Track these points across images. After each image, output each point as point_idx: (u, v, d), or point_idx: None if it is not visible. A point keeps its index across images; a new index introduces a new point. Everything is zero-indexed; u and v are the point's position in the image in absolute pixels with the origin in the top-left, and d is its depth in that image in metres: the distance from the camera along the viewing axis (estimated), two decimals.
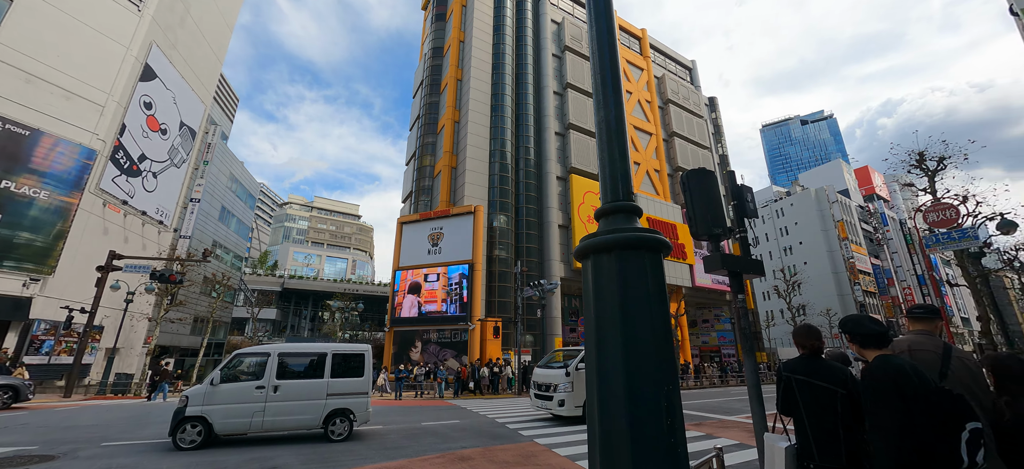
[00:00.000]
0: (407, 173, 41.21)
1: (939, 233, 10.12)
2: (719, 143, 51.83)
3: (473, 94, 34.51)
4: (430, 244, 29.02)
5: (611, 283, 1.26)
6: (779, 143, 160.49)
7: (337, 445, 8.04)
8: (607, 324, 1.22)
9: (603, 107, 1.56)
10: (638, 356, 1.16)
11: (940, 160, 15.21)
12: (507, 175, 32.91)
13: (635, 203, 1.42)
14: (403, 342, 27.36)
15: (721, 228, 3.15)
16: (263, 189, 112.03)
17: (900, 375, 2.11)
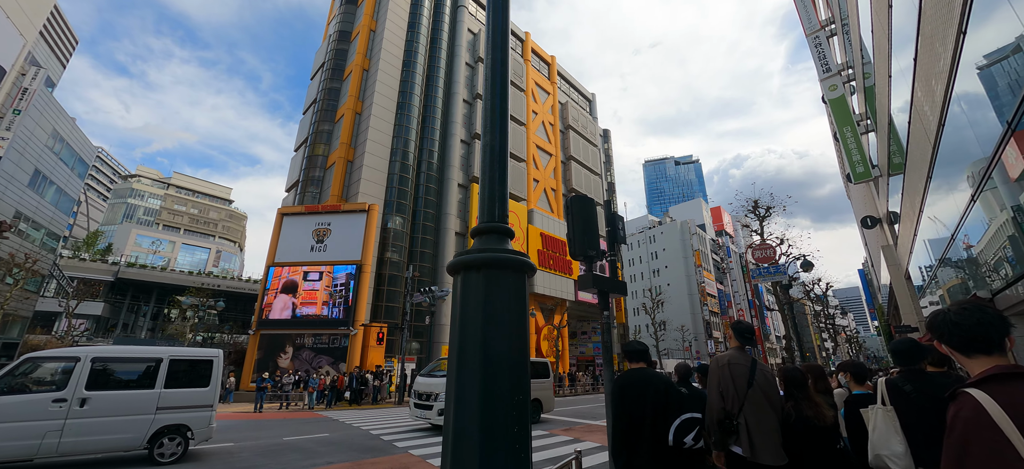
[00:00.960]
0: (295, 160, 37.48)
1: (762, 267, 12.67)
2: (609, 171, 57.14)
3: (380, 87, 32.94)
4: (314, 240, 26.67)
5: (477, 298, 1.34)
6: (656, 178, 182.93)
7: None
8: (470, 336, 1.30)
9: (490, 133, 1.66)
10: (495, 367, 1.26)
11: (767, 208, 18.98)
12: (407, 176, 31.95)
13: (508, 226, 1.53)
14: (271, 347, 24.50)
15: (595, 251, 3.49)
16: (101, 155, 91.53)
17: (629, 382, 3.14)
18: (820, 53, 22.08)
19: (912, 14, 8.09)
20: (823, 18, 22.12)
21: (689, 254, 64.76)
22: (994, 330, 1.32)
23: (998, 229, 7.27)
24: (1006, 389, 1.19)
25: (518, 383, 1.27)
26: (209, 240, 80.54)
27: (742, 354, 3.34)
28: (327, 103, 35.23)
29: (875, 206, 20.76)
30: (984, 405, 1.17)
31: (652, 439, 2.93)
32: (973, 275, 9.49)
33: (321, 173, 32.78)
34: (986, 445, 1.13)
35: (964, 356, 1.37)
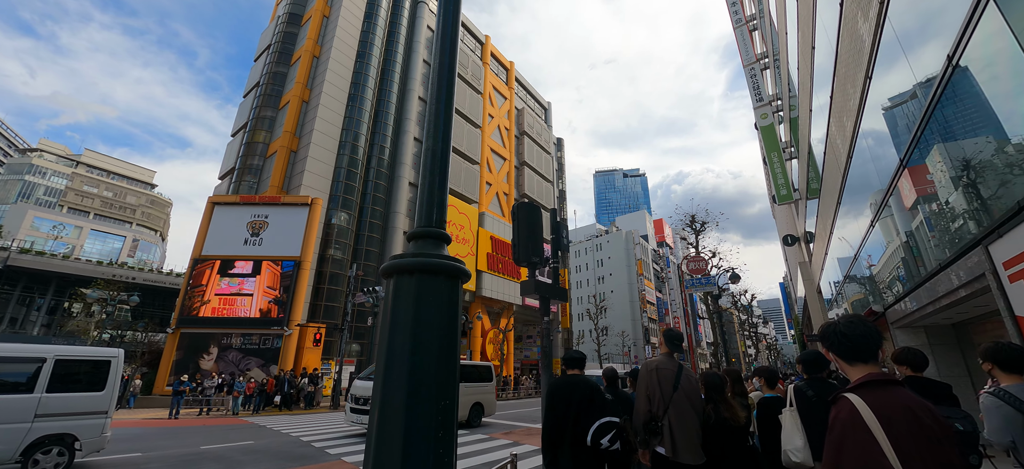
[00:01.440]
0: (232, 146, 34.85)
1: (695, 278, 13.60)
2: (561, 179, 58.44)
3: (330, 76, 31.45)
4: (249, 233, 24.87)
5: (408, 303, 1.32)
6: (605, 189, 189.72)
7: None
8: (398, 340, 1.28)
9: (432, 137, 1.64)
10: (422, 372, 1.25)
11: (703, 223, 20.30)
12: (355, 171, 30.74)
13: (445, 232, 1.51)
14: (193, 347, 22.47)
15: (538, 257, 3.54)
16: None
17: (558, 386, 3.47)
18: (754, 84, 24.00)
19: (830, 57, 9.02)
20: (759, 52, 24.11)
21: (632, 263, 67.66)
22: (873, 342, 1.52)
23: (893, 252, 8.28)
24: (876, 394, 1.39)
25: (445, 389, 1.26)
26: (125, 227, 72.65)
27: (670, 360, 3.54)
28: (272, 88, 33.12)
29: (795, 226, 22.90)
30: (858, 408, 1.36)
31: (573, 439, 3.23)
32: (872, 291, 10.71)
33: (260, 162, 30.71)
34: (858, 443, 1.32)
35: (847, 364, 1.56)
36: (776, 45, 19.22)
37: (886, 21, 5.62)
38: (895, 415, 1.32)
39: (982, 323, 7.05)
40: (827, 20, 8.75)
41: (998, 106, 3.81)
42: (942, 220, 5.58)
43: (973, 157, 4.43)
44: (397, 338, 1.28)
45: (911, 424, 1.30)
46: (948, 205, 5.26)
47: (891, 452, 1.26)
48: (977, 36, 3.74)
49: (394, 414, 1.20)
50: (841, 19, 7.67)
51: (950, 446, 1.32)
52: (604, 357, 52.35)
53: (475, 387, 13.17)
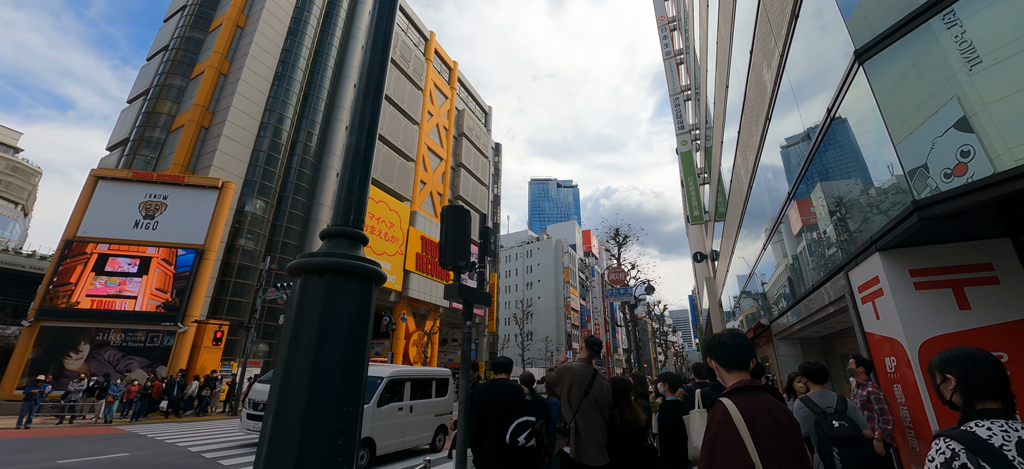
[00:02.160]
0: (127, 114, 30.49)
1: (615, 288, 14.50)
2: (496, 184, 58.84)
3: (256, 50, 28.75)
4: (141, 214, 21.85)
5: (315, 304, 1.24)
6: (540, 197, 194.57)
7: None
8: (302, 343, 1.19)
9: (357, 133, 1.56)
10: (326, 377, 1.18)
11: (625, 237, 21.62)
12: (277, 156, 28.37)
13: (362, 232, 1.45)
14: (56, 343, 19.13)
15: (465, 261, 3.52)
16: None
17: (483, 390, 3.75)
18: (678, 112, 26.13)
19: (740, 97, 10.09)
20: (684, 84, 26.32)
21: (560, 271, 70.01)
22: (748, 353, 1.77)
23: (780, 273, 9.44)
24: (746, 398, 1.63)
25: (348, 395, 1.19)
26: None
27: (587, 366, 3.71)
28: (184, 54, 29.51)
29: (704, 244, 25.26)
30: (730, 411, 1.58)
31: (493, 437, 3.54)
32: (763, 306, 12.12)
33: (163, 135, 27.16)
34: (728, 441, 1.54)
35: (725, 370, 1.79)
36: (698, 80, 21.13)
37: (785, 72, 6.43)
38: (759, 417, 1.55)
39: (843, 337, 8.28)
40: (740, 64, 9.79)
41: (863, 155, 4.52)
42: (818, 247, 6.48)
43: (843, 196, 5.20)
44: (300, 341, 1.19)
45: (770, 424, 1.54)
46: (824, 234, 6.12)
47: (752, 450, 1.49)
48: (850, 94, 4.41)
49: (290, 420, 1.11)
50: (750, 65, 8.63)
51: (799, 440, 1.59)
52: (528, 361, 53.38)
53: (437, 403, 10.44)
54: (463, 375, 3.34)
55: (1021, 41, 2.94)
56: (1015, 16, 3.01)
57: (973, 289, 3.71)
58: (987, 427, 1.38)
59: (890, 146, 3.68)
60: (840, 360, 8.80)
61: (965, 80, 3.21)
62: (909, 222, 3.46)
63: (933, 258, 3.89)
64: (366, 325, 1.30)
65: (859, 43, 4.01)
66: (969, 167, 3.07)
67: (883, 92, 3.82)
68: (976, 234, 3.79)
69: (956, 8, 3.36)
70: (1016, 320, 3.54)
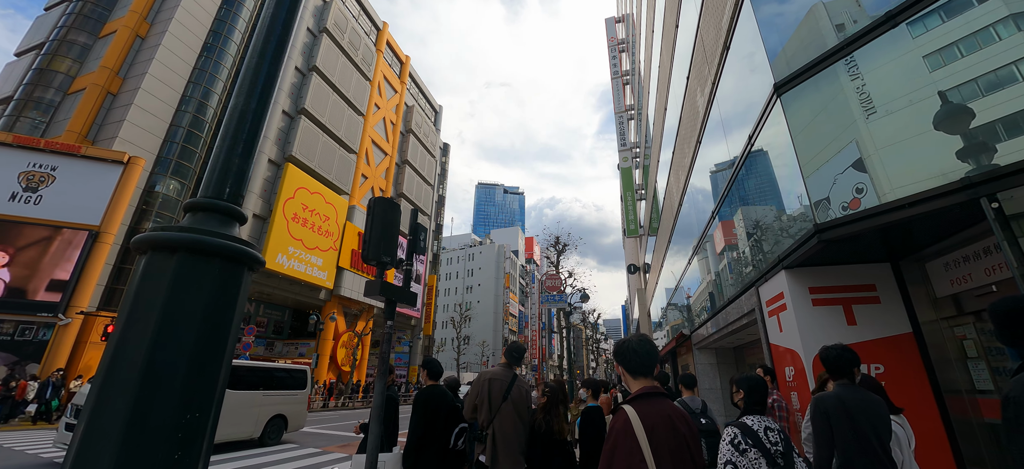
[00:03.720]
0: (14, 68, 26.27)
1: (551, 294, 14.76)
2: (442, 185, 57.88)
3: (182, 14, 25.96)
4: (21, 186, 18.81)
5: (158, 289, 1.01)
6: (485, 201, 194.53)
7: None
8: (135, 336, 0.96)
9: (247, 94, 1.35)
10: (163, 378, 0.95)
11: (565, 246, 22.13)
12: (200, 135, 25.79)
13: (238, 209, 1.24)
14: None
15: (390, 257, 3.31)
16: None
17: (427, 397, 3.80)
18: (622, 130, 27.31)
19: (676, 120, 10.68)
20: (628, 103, 27.57)
21: (501, 276, 70.28)
22: (655, 360, 1.82)
23: (703, 287, 10.07)
24: (647, 404, 1.68)
25: (195, 399, 0.97)
26: None
27: (507, 371, 3.64)
28: (92, 8, 25.96)
29: (638, 257, 26.55)
30: (631, 419, 1.63)
31: (440, 443, 3.66)
32: (686, 317, 12.90)
33: (58, 97, 23.64)
34: (626, 448, 1.59)
35: (631, 376, 1.82)
36: (641, 100, 22.24)
37: (715, 100, 6.87)
38: (657, 424, 1.62)
39: (752, 348, 8.98)
40: (677, 89, 10.39)
41: (778, 184, 4.90)
42: (736, 264, 6.97)
43: (759, 219, 5.63)
44: (133, 331, 0.96)
45: (667, 430, 1.61)
46: (742, 253, 6.59)
47: (649, 456, 1.55)
48: (769, 126, 4.78)
49: (108, 431, 0.87)
50: (686, 90, 9.17)
51: (696, 445, 1.68)
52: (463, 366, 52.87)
53: (284, 395, 10.93)
54: (379, 379, 3.12)
55: (906, 97, 3.34)
56: (902, 73, 3.41)
57: (859, 307, 4.13)
58: (752, 419, 2.43)
59: (800, 178, 4.03)
60: (749, 368, 9.55)
61: (862, 126, 3.59)
62: (811, 243, 3.78)
63: (829, 278, 4.29)
64: (229, 317, 1.09)
65: (778, 76, 4.35)
66: (862, 202, 3.42)
67: (797, 127, 4.17)
68: (863, 258, 4.24)
69: (856, 57, 3.75)
70: (892, 335, 3.98)
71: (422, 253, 4.96)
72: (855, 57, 3.73)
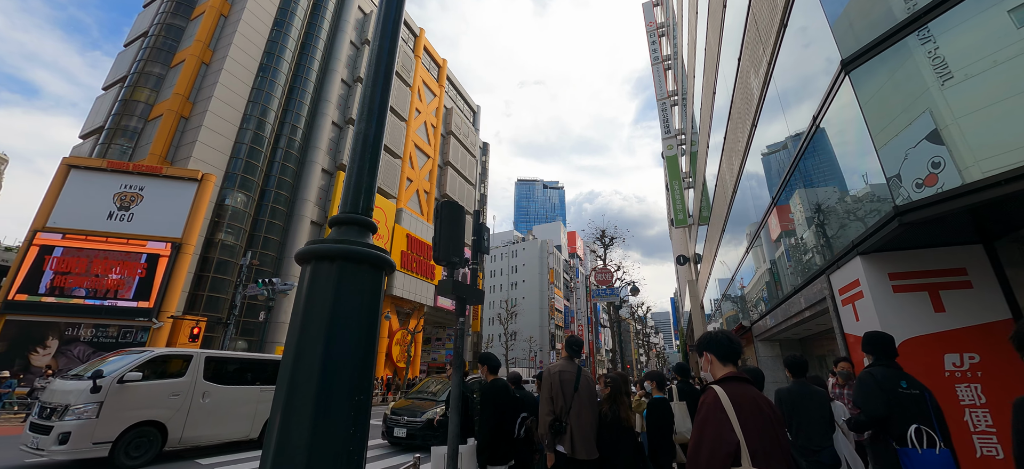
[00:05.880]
0: (103, 101, 29.43)
1: (601, 288, 14.66)
2: (483, 184, 58.72)
3: (240, 40, 28.06)
4: (116, 206, 21.13)
5: (326, 292, 1.23)
6: (525, 197, 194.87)
7: None
8: (312, 332, 1.18)
9: (365, 121, 1.56)
10: (337, 367, 1.16)
11: (611, 239, 21.84)
12: (260, 149, 27.76)
13: (371, 220, 1.44)
14: (23, 338, 18.38)
15: (458, 257, 3.51)
16: None
17: (495, 390, 3.99)
18: (664, 117, 26.48)
19: (727, 103, 10.29)
20: (670, 89, 26.70)
21: (545, 271, 70.25)
22: (739, 348, 2.07)
23: (760, 276, 9.67)
24: (732, 386, 1.89)
25: (360, 383, 1.19)
26: None
27: (571, 364, 3.75)
28: (164, 41, 28.64)
29: (687, 248, 25.69)
30: (719, 395, 1.85)
31: (509, 433, 3.94)
32: (743, 309, 12.40)
33: (140, 124, 26.30)
34: (716, 419, 1.79)
35: (720, 363, 2.05)
36: (685, 86, 21.48)
37: (772, 80, 6.59)
38: (744, 402, 1.81)
39: (820, 339, 8.53)
40: (727, 71, 10.00)
41: (846, 162, 4.67)
42: (800, 252, 6.66)
43: (825, 202, 5.37)
44: (311, 329, 1.18)
45: (753, 410, 1.80)
46: (806, 239, 6.30)
47: (739, 429, 1.73)
48: (836, 103, 4.56)
49: (302, 409, 1.10)
50: (738, 72, 8.82)
51: (781, 428, 1.84)
52: (512, 361, 53.44)
53: None
54: (456, 372, 3.33)
55: (990, 58, 3.09)
56: (984, 35, 3.16)
57: (948, 293, 3.87)
58: None
59: (871, 154, 3.82)
60: (817, 361, 9.06)
61: (937, 94, 3.35)
62: (890, 227, 3.59)
63: (911, 262, 4.04)
64: (376, 314, 1.29)
65: (846, 53, 4.14)
66: (939, 178, 3.21)
67: (867, 101, 3.96)
68: (951, 240, 3.96)
69: (931, 26, 3.51)
70: (987, 323, 3.71)
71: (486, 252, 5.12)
72: (930, 25, 3.50)
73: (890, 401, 2.90)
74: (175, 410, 7.65)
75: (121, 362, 7.45)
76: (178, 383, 7.81)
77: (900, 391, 2.93)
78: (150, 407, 7.34)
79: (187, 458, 7.89)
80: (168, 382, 7.70)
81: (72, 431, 6.46)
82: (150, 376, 7.50)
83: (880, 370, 3.06)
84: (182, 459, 7.83)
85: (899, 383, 2.96)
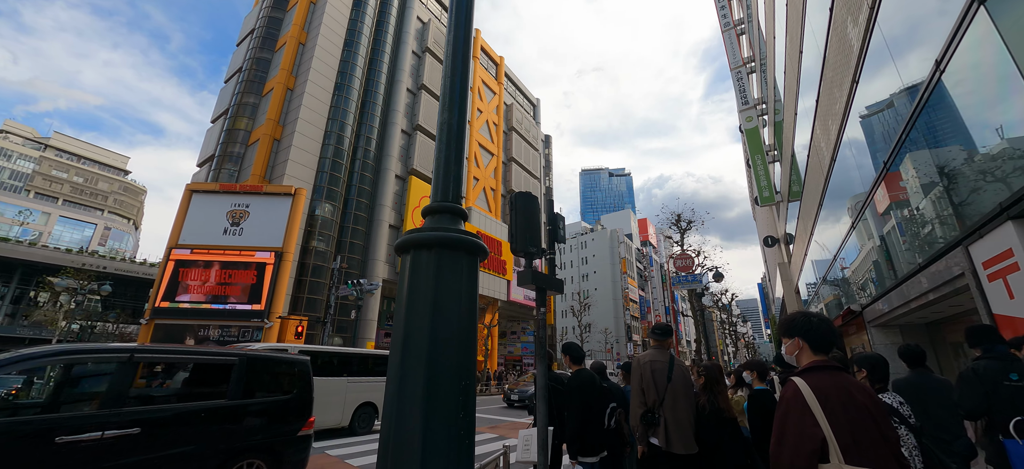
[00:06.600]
0: (211, 132, 33.84)
1: (681, 275, 13.87)
2: (547, 176, 58.54)
3: (317, 64, 30.74)
4: (229, 222, 24.23)
5: (427, 279, 1.27)
6: (591, 187, 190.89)
7: None
8: (416, 319, 1.23)
9: (448, 110, 1.59)
10: (442, 352, 1.20)
11: (688, 222, 20.60)
12: (341, 162, 30.18)
13: (462, 207, 1.47)
14: (167, 339, 21.84)
15: (536, 248, 3.51)
16: None
17: (581, 380, 3.96)
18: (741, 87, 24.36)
19: (818, 61, 9.20)
20: (746, 56, 24.48)
21: (616, 261, 68.34)
22: (836, 335, 1.85)
23: (873, 253, 8.53)
24: (817, 377, 1.70)
25: (465, 368, 1.22)
26: (96, 215, 69.95)
27: (662, 353, 3.57)
28: (255, 73, 32.24)
29: (775, 228, 23.43)
30: (801, 388, 1.66)
31: (598, 423, 3.86)
32: (846, 291, 11.04)
33: (242, 149, 29.89)
34: (798, 413, 1.62)
35: (812, 351, 1.84)
36: (763, 49, 19.56)
37: (875, 26, 5.75)
38: (831, 393, 1.60)
39: (954, 322, 7.32)
40: (816, 24, 8.92)
41: (982, 112, 3.93)
42: (920, 224, 5.76)
43: (955, 162, 4.57)
44: (414, 317, 1.23)
45: (843, 399, 1.59)
46: (920, 211, 5.42)
47: (825, 423, 1.54)
48: (966, 42, 3.85)
49: (413, 394, 1.15)
50: (830, 23, 7.82)
51: (883, 419, 1.60)
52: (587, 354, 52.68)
53: (366, 383, 10.36)
54: (540, 362, 3.34)
55: None
56: None
57: None
58: (887, 396, 2.56)
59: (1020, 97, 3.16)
60: (950, 348, 7.81)
61: None
62: None
63: None
64: (474, 299, 1.32)
65: None
66: None
67: (1013, 33, 3.28)
68: None
69: None
70: None
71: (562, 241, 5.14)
72: None
73: (990, 394, 2.89)
74: None
75: None
76: None
77: (1007, 383, 2.89)
78: None
79: None
80: None
81: None
82: None
83: (985, 364, 3.03)
84: None
85: (1007, 375, 2.92)
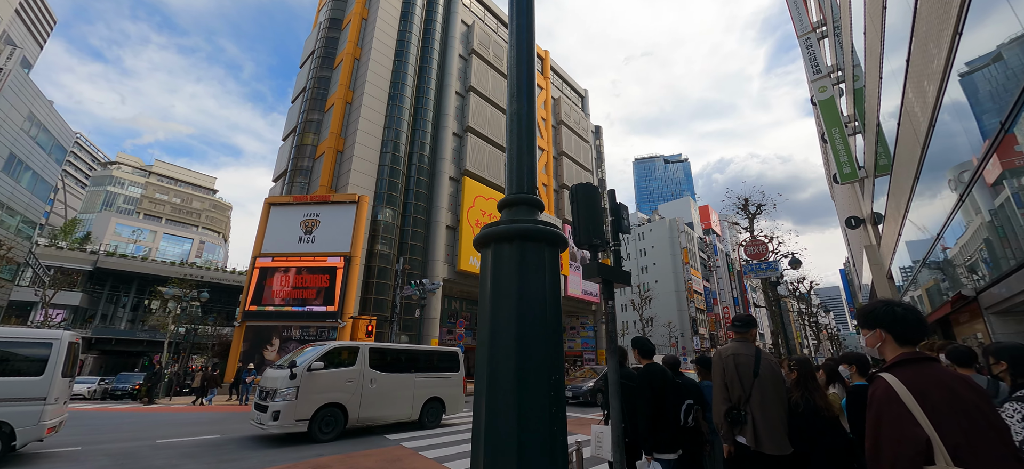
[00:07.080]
0: (283, 149, 36.78)
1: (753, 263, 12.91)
2: (600, 168, 57.30)
3: (371, 77, 32.41)
4: (303, 231, 26.23)
5: (510, 272, 1.27)
6: (645, 176, 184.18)
7: None
8: (503, 313, 1.23)
9: (516, 99, 1.58)
10: (530, 345, 1.19)
11: (758, 206, 19.18)
12: (398, 168, 31.58)
13: (538, 197, 1.46)
14: (257, 339, 24.11)
15: (599, 239, 3.44)
16: (79, 141, 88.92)
17: (651, 374, 3.86)
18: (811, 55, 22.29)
19: (907, 15, 8.18)
20: (815, 20, 22.35)
21: (677, 252, 65.41)
22: (926, 325, 1.61)
23: (975, 232, 7.43)
24: (909, 371, 1.48)
25: (554, 362, 1.20)
26: (192, 230, 78.78)
27: (746, 345, 3.34)
28: (317, 91, 34.58)
29: (859, 207, 21.17)
30: (892, 385, 1.46)
31: (672, 419, 3.72)
32: (950, 276, 9.72)
33: (310, 163, 32.22)
34: (893, 415, 1.42)
35: (897, 343, 1.61)
36: (836, 9, 17.73)
37: None
38: (929, 388, 1.40)
39: None
40: None
41: None
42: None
43: None
44: (501, 310, 1.24)
45: (945, 394, 1.38)
46: None
47: (926, 422, 1.34)
48: None
49: (505, 388, 1.16)
50: None
51: (993, 411, 1.37)
52: None
53: (432, 378, 10.62)
54: (611, 356, 3.26)
55: None
56: None
57: None
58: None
59: None
60: None
61: None
62: None
63: None
64: (558, 290, 1.31)
65: None
66: None
67: None
68: None
69: None
70: None
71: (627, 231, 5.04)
72: None
73: None
74: (351, 393, 9.12)
75: (309, 354, 9.17)
76: (351, 370, 9.28)
77: None
78: (333, 391, 8.85)
79: (367, 435, 9.36)
80: (343, 370, 9.21)
81: (281, 410, 8.08)
82: (330, 365, 9.05)
83: None
84: (366, 435, 9.31)
85: None
